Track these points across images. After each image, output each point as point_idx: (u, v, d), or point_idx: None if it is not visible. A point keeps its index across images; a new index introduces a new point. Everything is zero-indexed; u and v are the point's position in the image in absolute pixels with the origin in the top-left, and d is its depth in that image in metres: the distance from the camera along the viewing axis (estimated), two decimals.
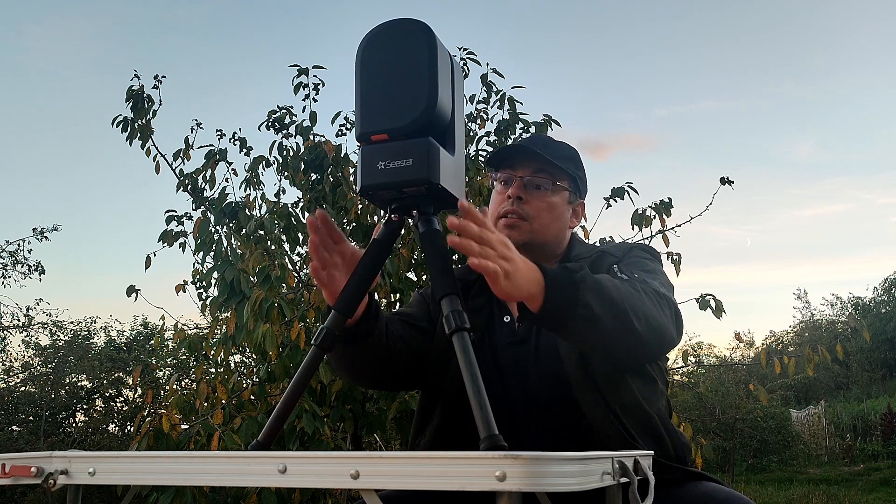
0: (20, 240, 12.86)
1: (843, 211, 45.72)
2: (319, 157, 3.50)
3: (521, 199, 1.45)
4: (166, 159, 3.76)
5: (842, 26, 40.33)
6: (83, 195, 24.92)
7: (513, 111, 3.94)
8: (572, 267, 1.12)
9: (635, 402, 1.30)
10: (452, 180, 1.06)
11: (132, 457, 0.86)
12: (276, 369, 3.05)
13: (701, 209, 3.60)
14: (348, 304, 1.09)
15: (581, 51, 40.50)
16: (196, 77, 23.32)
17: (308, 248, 1.15)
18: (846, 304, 31.87)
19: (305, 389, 1.09)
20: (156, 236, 3.64)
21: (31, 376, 12.12)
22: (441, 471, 0.71)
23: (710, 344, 24.37)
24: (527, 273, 1.05)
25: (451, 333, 0.97)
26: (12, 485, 0.90)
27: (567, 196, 1.51)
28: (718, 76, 42.59)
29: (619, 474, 0.82)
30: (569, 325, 1.10)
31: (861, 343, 21.75)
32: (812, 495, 9.77)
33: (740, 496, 1.24)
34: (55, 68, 22.99)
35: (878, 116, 42.68)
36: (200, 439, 2.84)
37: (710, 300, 3.30)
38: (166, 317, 6.72)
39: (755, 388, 4.45)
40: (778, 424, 13.56)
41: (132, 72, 3.70)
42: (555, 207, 1.48)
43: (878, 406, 17.57)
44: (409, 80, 1.03)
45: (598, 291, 1.10)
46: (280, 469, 0.77)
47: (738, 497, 1.23)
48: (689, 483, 1.29)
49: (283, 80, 3.96)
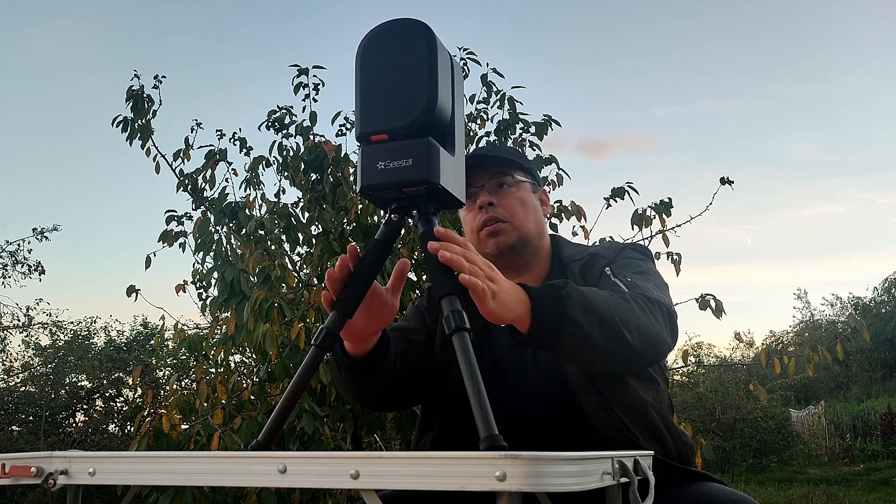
0: (20, 240, 12.90)
1: (843, 211, 45.75)
2: (319, 157, 3.50)
3: (491, 204, 1.46)
4: (166, 159, 3.76)
5: (842, 26, 40.35)
6: (83, 195, 24.94)
7: (513, 111, 3.94)
8: (557, 284, 1.12)
9: (637, 403, 1.30)
10: (452, 180, 1.06)
11: (132, 457, 0.86)
12: (276, 369, 3.05)
13: (701, 209, 3.61)
14: (349, 305, 1.09)
15: (581, 51, 40.51)
16: (196, 77, 23.33)
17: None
18: (846, 304, 31.89)
19: (305, 389, 1.09)
20: (156, 236, 3.64)
21: (31, 376, 12.13)
22: (441, 471, 0.71)
23: (710, 344, 24.42)
24: (513, 294, 1.05)
25: (451, 333, 0.96)
26: (12, 485, 0.90)
27: (529, 187, 1.53)
28: (718, 76, 42.62)
29: (619, 474, 0.82)
30: (559, 343, 1.09)
31: (861, 343, 21.75)
32: (812, 495, 9.77)
33: (746, 497, 1.23)
34: (56, 68, 23.00)
35: (878, 116, 42.73)
36: (200, 439, 2.84)
37: (710, 300, 3.30)
38: (166, 317, 6.74)
39: (755, 388, 4.45)
40: (778, 424, 13.56)
41: (132, 72, 3.70)
42: (525, 200, 1.49)
43: (878, 406, 17.58)
44: (409, 80, 1.03)
45: (585, 307, 1.10)
46: (280, 469, 0.77)
47: (744, 498, 1.23)
48: (693, 483, 1.29)
49: (283, 80, 3.97)
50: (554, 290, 1.10)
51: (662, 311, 1.25)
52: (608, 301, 1.15)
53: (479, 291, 0.99)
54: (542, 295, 1.08)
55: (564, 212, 3.79)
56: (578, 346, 1.11)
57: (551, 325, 1.07)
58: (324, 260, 3.40)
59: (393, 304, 1.17)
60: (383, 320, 1.18)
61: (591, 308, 1.11)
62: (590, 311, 1.10)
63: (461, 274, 0.99)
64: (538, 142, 3.98)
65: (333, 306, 1.09)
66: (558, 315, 1.07)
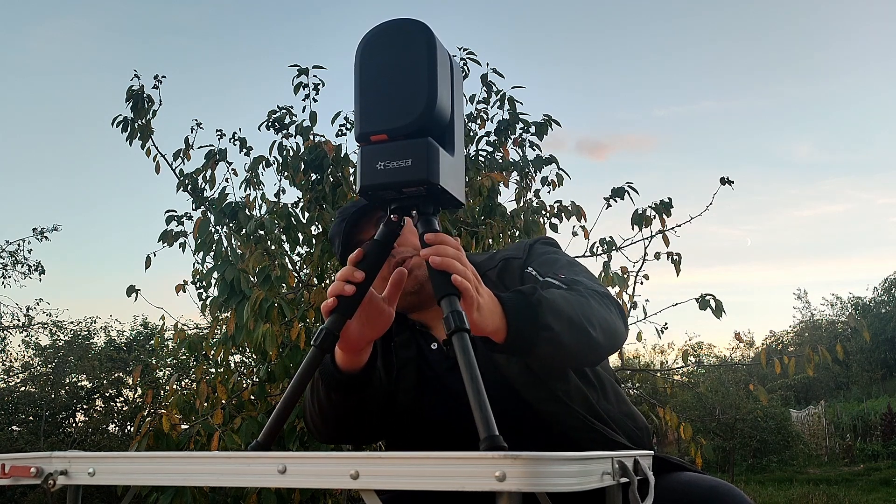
0: (20, 240, 12.87)
1: (843, 211, 45.78)
2: (319, 157, 3.50)
3: None
4: (166, 159, 3.76)
5: (842, 26, 40.37)
6: (83, 195, 24.94)
7: (513, 111, 3.94)
8: (526, 290, 1.13)
9: (578, 392, 1.31)
10: (452, 181, 1.06)
11: (132, 457, 0.86)
12: (276, 369, 3.05)
13: (701, 209, 3.61)
14: (349, 305, 1.09)
15: (581, 51, 40.52)
16: (196, 77, 23.33)
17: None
18: (846, 304, 31.91)
19: (305, 389, 1.09)
20: (156, 236, 3.64)
21: (31, 376, 12.12)
22: (441, 471, 0.71)
23: (710, 344, 24.43)
24: (492, 305, 1.06)
25: (451, 334, 0.96)
26: (12, 485, 0.90)
27: None
28: (718, 76, 42.64)
29: (619, 474, 0.82)
30: (534, 349, 1.10)
31: (861, 343, 21.75)
32: (812, 495, 9.78)
33: (723, 482, 1.23)
34: (56, 68, 23.00)
35: (878, 116, 42.76)
36: (200, 439, 2.84)
37: (710, 300, 3.31)
38: (166, 317, 6.72)
39: (755, 388, 4.45)
40: (778, 424, 13.57)
41: (132, 72, 3.70)
42: None
43: (878, 406, 17.58)
44: (409, 80, 1.03)
45: (554, 310, 1.12)
46: (280, 469, 0.77)
47: (721, 484, 1.23)
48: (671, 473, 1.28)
49: (283, 80, 3.96)
50: (525, 297, 1.11)
51: (613, 303, 1.28)
52: (570, 301, 1.17)
53: (468, 298, 0.99)
54: (515, 304, 1.09)
55: (564, 212, 3.79)
56: (551, 349, 1.12)
57: (527, 333, 1.09)
58: (324, 260, 3.40)
59: (389, 312, 1.16)
60: (378, 329, 1.16)
61: (560, 310, 1.12)
62: (559, 314, 1.12)
63: (453, 275, 0.99)
64: (538, 142, 3.99)
65: (333, 310, 1.08)
66: (533, 322, 1.09)
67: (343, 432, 1.35)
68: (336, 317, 1.08)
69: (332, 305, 1.07)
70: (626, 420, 1.38)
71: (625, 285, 3.58)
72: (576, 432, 1.27)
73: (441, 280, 1.01)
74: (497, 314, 1.07)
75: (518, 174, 3.93)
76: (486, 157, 3.94)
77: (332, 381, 1.22)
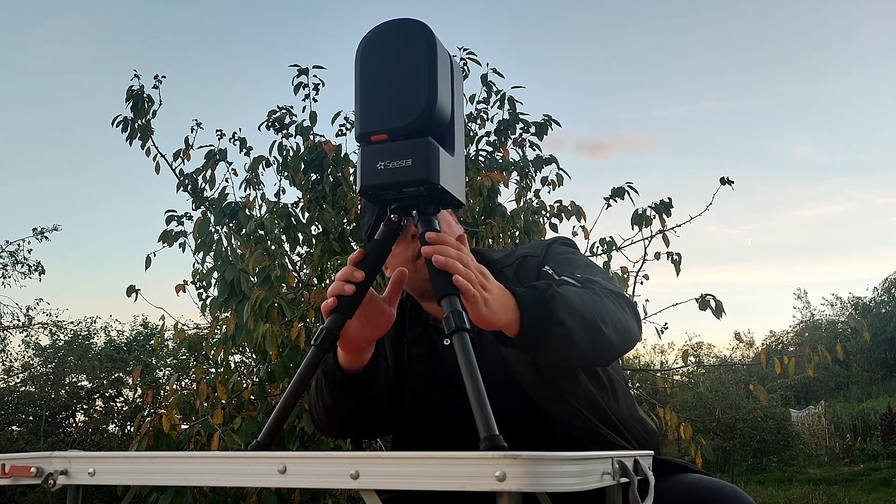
0: (20, 240, 12.85)
1: (843, 211, 45.75)
2: (319, 157, 3.51)
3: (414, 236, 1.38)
4: (166, 159, 3.77)
5: (841, 26, 40.36)
6: (83, 195, 24.89)
7: (513, 111, 3.94)
8: (540, 286, 1.12)
9: (588, 394, 1.31)
10: (452, 180, 1.06)
11: (132, 457, 0.86)
12: (276, 369, 3.05)
13: (701, 209, 3.61)
14: (349, 305, 1.09)
15: (581, 51, 40.48)
16: (196, 77, 23.29)
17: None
18: (846, 304, 31.89)
19: (305, 389, 1.09)
20: (156, 236, 3.64)
21: (31, 376, 12.11)
22: (441, 471, 0.71)
23: (710, 344, 24.43)
24: (503, 300, 1.06)
25: (451, 333, 0.97)
26: (12, 485, 0.90)
27: None
28: (718, 76, 42.60)
29: (619, 474, 0.82)
30: (546, 345, 1.10)
31: (861, 343, 21.75)
32: (812, 495, 9.78)
33: (726, 484, 1.23)
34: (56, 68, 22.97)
35: (878, 116, 42.72)
36: (200, 439, 2.84)
37: (710, 300, 3.31)
38: (166, 317, 6.73)
39: (755, 388, 4.45)
40: (778, 424, 13.57)
41: (132, 72, 3.70)
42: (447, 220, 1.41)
43: (878, 406, 17.58)
44: (409, 80, 1.03)
45: (568, 306, 1.11)
46: (280, 469, 0.77)
47: (724, 485, 1.23)
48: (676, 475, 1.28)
49: (283, 80, 3.96)
50: (539, 292, 1.11)
51: (628, 303, 1.27)
52: (585, 298, 1.17)
53: (470, 296, 0.99)
54: (529, 299, 1.09)
55: (564, 212, 3.80)
56: (563, 345, 1.12)
57: (540, 328, 1.08)
58: (324, 260, 3.40)
59: (390, 312, 1.16)
60: (379, 329, 1.16)
61: (574, 307, 1.12)
62: (573, 311, 1.11)
63: (455, 276, 0.99)
64: (538, 142, 3.99)
65: (333, 310, 1.08)
66: (546, 318, 1.08)
67: (346, 428, 1.37)
68: (336, 316, 1.08)
69: (333, 305, 1.07)
70: (636, 423, 1.38)
71: (625, 285, 3.59)
72: (579, 433, 1.27)
73: (442, 280, 1.01)
74: (510, 308, 1.06)
75: (518, 174, 3.93)
76: (486, 157, 3.94)
77: (335, 379, 1.23)
